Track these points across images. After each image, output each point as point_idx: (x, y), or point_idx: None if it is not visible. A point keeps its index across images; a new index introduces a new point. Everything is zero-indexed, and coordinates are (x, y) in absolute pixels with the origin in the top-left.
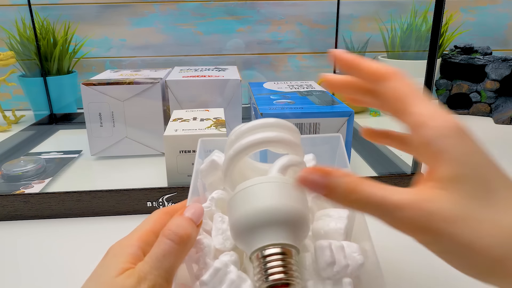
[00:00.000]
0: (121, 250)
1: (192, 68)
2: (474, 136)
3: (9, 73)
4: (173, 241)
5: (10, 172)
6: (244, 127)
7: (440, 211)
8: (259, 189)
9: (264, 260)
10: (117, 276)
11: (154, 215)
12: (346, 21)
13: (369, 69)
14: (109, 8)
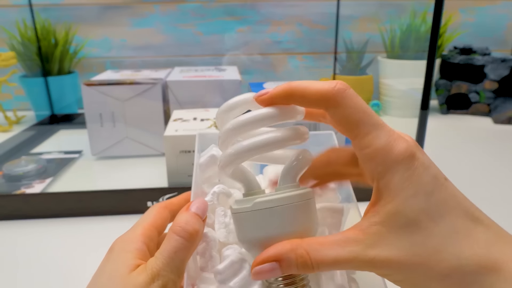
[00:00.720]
0: (127, 245)
1: (192, 68)
2: (425, 161)
3: (10, 73)
4: (183, 237)
5: (11, 172)
6: (245, 119)
7: (383, 256)
8: (282, 212)
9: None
10: (129, 273)
11: (152, 210)
12: (345, 21)
13: (311, 95)
14: (110, 9)
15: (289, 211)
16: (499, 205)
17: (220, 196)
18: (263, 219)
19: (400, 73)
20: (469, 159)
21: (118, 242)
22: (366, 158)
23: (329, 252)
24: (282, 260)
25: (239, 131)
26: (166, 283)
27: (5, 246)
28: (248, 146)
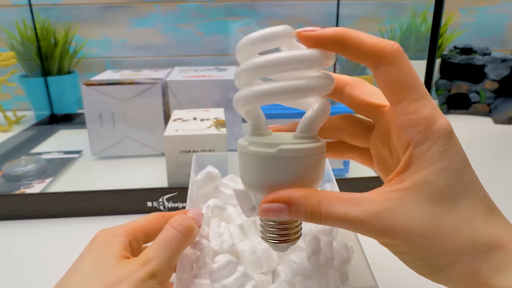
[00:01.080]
0: (112, 238)
1: (192, 68)
2: (456, 139)
3: (10, 73)
4: (178, 231)
5: (11, 172)
6: (283, 57)
7: (399, 223)
8: (304, 161)
9: (265, 224)
10: (116, 262)
11: (148, 215)
12: (345, 21)
13: (367, 47)
14: (110, 9)
15: (311, 162)
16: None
17: (214, 209)
18: (284, 166)
19: None
20: (469, 159)
21: (102, 234)
22: (407, 124)
23: (341, 208)
24: (292, 203)
25: (270, 70)
26: (157, 272)
27: (5, 246)
28: (275, 90)
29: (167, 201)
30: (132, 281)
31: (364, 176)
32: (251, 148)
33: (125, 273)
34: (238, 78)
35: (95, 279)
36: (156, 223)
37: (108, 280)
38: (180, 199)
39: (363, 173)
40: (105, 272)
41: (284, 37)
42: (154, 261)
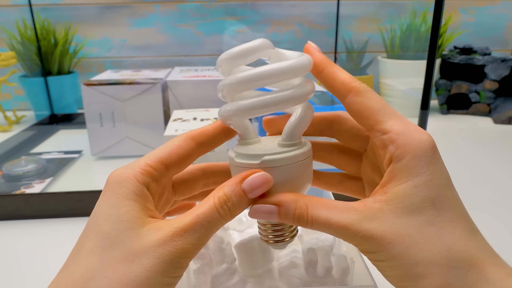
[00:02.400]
0: (122, 187)
1: (192, 68)
2: (439, 156)
3: (10, 73)
4: (222, 217)
5: (11, 172)
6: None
7: (378, 231)
8: (287, 170)
9: (262, 224)
10: (143, 224)
11: (173, 141)
12: (345, 21)
13: (341, 80)
14: (110, 9)
15: (296, 168)
16: (500, 205)
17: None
18: (280, 175)
19: (400, 73)
20: (469, 159)
21: (114, 179)
22: (386, 142)
23: (326, 213)
24: (282, 206)
25: (253, 85)
26: (187, 249)
27: (5, 246)
28: (263, 102)
29: None
30: (161, 254)
31: None
32: (237, 160)
33: (153, 242)
34: (222, 92)
35: (117, 244)
36: (180, 150)
37: (132, 247)
38: None
39: None
40: (129, 237)
41: (262, 50)
42: (189, 236)
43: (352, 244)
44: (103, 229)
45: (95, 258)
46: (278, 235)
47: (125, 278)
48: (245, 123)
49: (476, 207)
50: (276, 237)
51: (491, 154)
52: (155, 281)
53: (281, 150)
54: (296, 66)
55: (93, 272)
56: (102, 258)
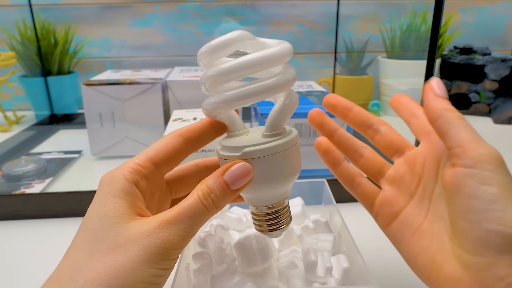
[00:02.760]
0: (112, 186)
1: (192, 68)
2: (505, 166)
3: (10, 73)
4: (206, 207)
5: (11, 172)
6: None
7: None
8: (269, 161)
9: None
10: (128, 220)
11: (162, 140)
12: (346, 21)
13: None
14: (110, 9)
15: (278, 158)
16: None
17: (217, 228)
18: (252, 166)
19: (400, 73)
20: None
21: (104, 179)
22: (461, 150)
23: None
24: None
25: (234, 75)
26: (172, 240)
27: (5, 246)
28: (245, 93)
29: None
30: (146, 245)
31: None
32: (221, 152)
33: (138, 234)
34: (204, 85)
35: (104, 238)
36: (168, 147)
37: (118, 240)
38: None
39: None
40: (115, 231)
41: (241, 41)
42: (175, 228)
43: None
44: (91, 225)
45: (81, 252)
46: (273, 224)
47: (111, 269)
48: (231, 114)
49: None
50: (270, 225)
51: None
52: (142, 272)
53: (263, 140)
54: (277, 54)
55: (79, 264)
56: (88, 252)
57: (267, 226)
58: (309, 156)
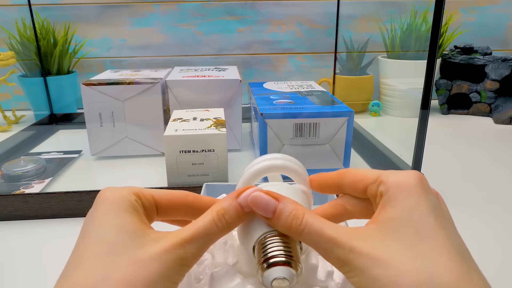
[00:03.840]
0: (128, 202)
1: (192, 68)
2: (426, 186)
3: (9, 73)
4: (220, 229)
5: (10, 172)
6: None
7: (365, 249)
8: (268, 188)
9: (265, 244)
10: (145, 234)
11: (174, 190)
12: (346, 21)
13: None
14: (109, 8)
15: (288, 190)
16: (500, 206)
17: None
18: None
19: (401, 73)
20: (470, 159)
21: (109, 194)
22: (378, 186)
23: (320, 223)
24: (281, 202)
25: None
26: (188, 258)
27: (4, 246)
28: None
29: None
30: (165, 260)
31: None
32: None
33: (158, 250)
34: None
35: (123, 250)
36: (175, 196)
37: (138, 254)
38: None
39: None
40: (133, 245)
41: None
42: (190, 246)
43: (334, 263)
44: (107, 237)
45: (101, 263)
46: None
47: (133, 280)
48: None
49: (476, 207)
50: (277, 251)
51: (492, 154)
52: (161, 285)
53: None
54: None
55: (101, 276)
56: (109, 264)
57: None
58: (309, 156)
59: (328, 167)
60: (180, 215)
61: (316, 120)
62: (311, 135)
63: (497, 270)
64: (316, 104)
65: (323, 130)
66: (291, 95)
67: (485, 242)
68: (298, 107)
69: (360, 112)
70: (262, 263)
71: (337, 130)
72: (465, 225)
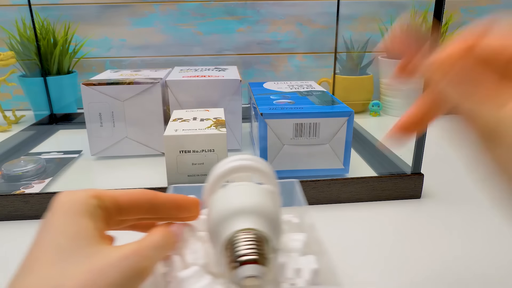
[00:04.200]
0: (83, 207)
1: (192, 68)
2: None
3: (9, 73)
4: (169, 246)
5: (10, 172)
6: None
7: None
8: (236, 189)
9: (235, 243)
10: (100, 243)
11: (135, 190)
12: (346, 21)
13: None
14: (109, 8)
15: (239, 188)
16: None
17: (187, 229)
18: (219, 198)
19: None
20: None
21: (66, 198)
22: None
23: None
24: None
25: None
26: (143, 267)
27: (4, 246)
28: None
29: None
30: (122, 268)
31: (364, 176)
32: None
33: (114, 257)
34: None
35: (78, 258)
36: (137, 196)
37: (94, 261)
38: None
39: (363, 173)
40: (89, 252)
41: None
42: (147, 253)
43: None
44: (62, 244)
45: (56, 270)
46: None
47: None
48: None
49: (477, 207)
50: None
51: None
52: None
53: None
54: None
55: (55, 283)
56: (64, 271)
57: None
58: (309, 156)
59: (328, 167)
60: (142, 213)
61: (316, 120)
62: (311, 135)
63: (498, 269)
64: (316, 104)
65: (323, 130)
66: (291, 95)
67: (486, 241)
68: (298, 107)
69: (360, 112)
70: (232, 262)
71: (337, 130)
72: (467, 224)
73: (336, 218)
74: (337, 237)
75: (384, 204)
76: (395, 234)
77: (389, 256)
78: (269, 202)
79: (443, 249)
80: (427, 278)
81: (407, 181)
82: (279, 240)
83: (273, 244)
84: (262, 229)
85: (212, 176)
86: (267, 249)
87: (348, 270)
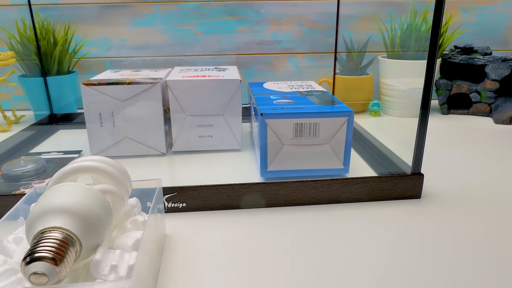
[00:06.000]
0: None
1: (192, 68)
2: None
3: (9, 73)
4: None
5: (10, 172)
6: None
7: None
8: (55, 189)
9: (36, 240)
10: None
11: None
12: (346, 21)
13: None
14: (109, 8)
15: (60, 188)
16: (500, 206)
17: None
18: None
19: (401, 73)
20: (469, 159)
21: None
22: None
23: None
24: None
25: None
26: None
27: None
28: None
29: (167, 201)
30: None
31: (364, 176)
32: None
33: None
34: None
35: None
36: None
37: None
38: (180, 199)
39: (363, 173)
40: None
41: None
42: None
43: None
44: None
45: None
46: (46, 247)
47: None
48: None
49: (477, 207)
50: (41, 247)
51: (492, 154)
52: None
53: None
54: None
55: None
56: None
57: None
58: (309, 156)
59: (328, 167)
60: None
61: (316, 120)
62: (311, 135)
63: (499, 269)
64: (316, 104)
65: (323, 130)
66: (291, 95)
67: (486, 242)
68: (298, 107)
69: (360, 112)
70: (25, 258)
71: (337, 130)
72: (466, 225)
73: (336, 218)
74: (337, 237)
75: (384, 204)
76: (395, 234)
77: (389, 256)
78: (89, 203)
79: (443, 249)
80: (427, 278)
81: (407, 181)
82: (99, 239)
83: (86, 243)
84: (70, 228)
85: (54, 176)
86: (69, 251)
87: (348, 270)
